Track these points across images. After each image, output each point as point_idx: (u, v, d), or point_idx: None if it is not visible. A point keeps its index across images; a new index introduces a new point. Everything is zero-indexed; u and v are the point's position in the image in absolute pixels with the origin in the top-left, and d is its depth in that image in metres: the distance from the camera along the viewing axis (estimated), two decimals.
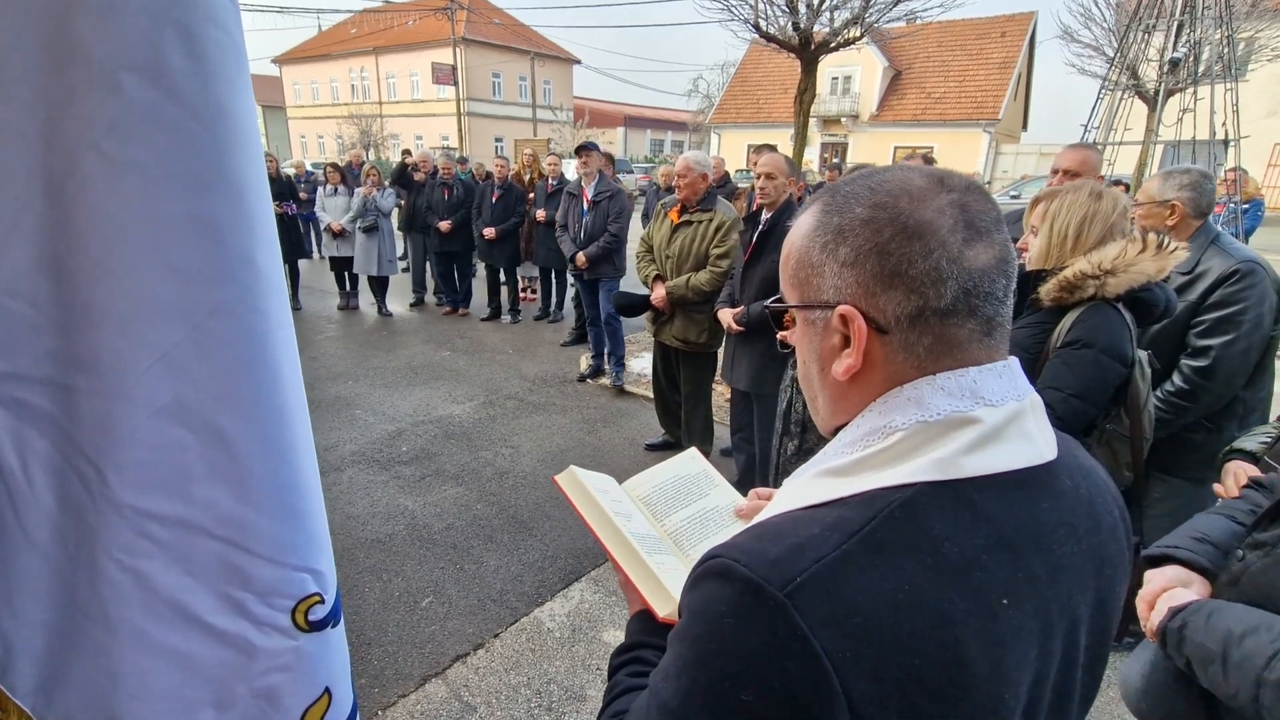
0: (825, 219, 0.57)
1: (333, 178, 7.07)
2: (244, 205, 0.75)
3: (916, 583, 0.47)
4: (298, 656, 0.86)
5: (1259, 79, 16.85)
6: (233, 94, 0.73)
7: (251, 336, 0.77)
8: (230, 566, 0.80)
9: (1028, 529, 0.53)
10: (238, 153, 0.74)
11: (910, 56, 25.79)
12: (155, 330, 0.72)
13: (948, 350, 0.54)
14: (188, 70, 0.69)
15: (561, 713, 2.18)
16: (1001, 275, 0.54)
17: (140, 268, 0.70)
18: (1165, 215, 2.13)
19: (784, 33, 8.83)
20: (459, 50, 29.72)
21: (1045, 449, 0.56)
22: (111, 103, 0.66)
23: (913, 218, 0.53)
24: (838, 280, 0.56)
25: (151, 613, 0.77)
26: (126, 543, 0.75)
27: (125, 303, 0.71)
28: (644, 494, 0.89)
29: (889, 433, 0.54)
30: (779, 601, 0.45)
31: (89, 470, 0.74)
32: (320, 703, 0.90)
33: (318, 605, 0.87)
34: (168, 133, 0.69)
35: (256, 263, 0.77)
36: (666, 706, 0.50)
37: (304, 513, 0.85)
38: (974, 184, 0.56)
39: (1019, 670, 0.50)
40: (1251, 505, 1.18)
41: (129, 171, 0.68)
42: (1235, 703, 0.90)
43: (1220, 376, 2.05)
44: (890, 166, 0.59)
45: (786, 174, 3.00)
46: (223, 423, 0.76)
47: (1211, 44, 8.14)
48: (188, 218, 0.71)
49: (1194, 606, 1.01)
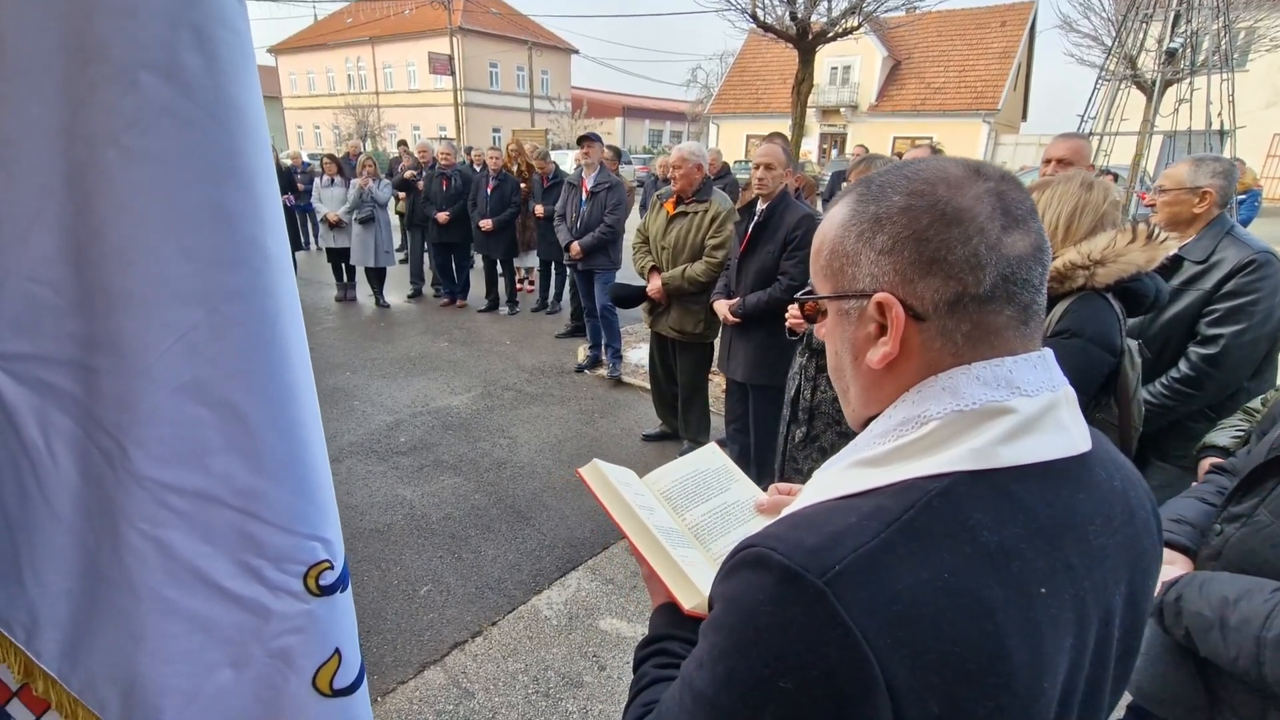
0: (861, 208, 0.57)
1: (329, 169, 7.05)
2: (254, 193, 0.79)
3: (956, 571, 0.47)
4: (310, 619, 0.91)
5: (1258, 69, 16.79)
6: (242, 90, 0.77)
7: (263, 318, 0.81)
8: (246, 535, 0.84)
9: (1064, 519, 0.53)
10: (248, 145, 0.78)
11: (909, 46, 25.67)
12: (175, 313, 0.76)
13: (984, 338, 0.54)
14: (201, 69, 0.73)
15: (559, 698, 2.22)
16: (1038, 263, 0.54)
17: (158, 254, 0.74)
18: (1194, 202, 2.09)
19: (781, 22, 8.79)
20: (456, 40, 29.52)
21: (1080, 440, 0.56)
22: (130, 99, 0.70)
23: (951, 204, 0.53)
24: (874, 268, 0.56)
25: (173, 578, 0.82)
26: (148, 513, 0.79)
27: (145, 287, 0.74)
28: (664, 488, 0.90)
29: (923, 422, 0.54)
30: (818, 589, 0.45)
31: (111, 445, 0.77)
32: (331, 662, 0.95)
33: (327, 571, 0.92)
34: (183, 127, 0.73)
35: (266, 248, 0.80)
36: (702, 695, 0.50)
37: (314, 484, 0.89)
38: (1008, 174, 0.56)
39: (1056, 659, 0.50)
40: (1218, 487, 1.23)
41: (146, 163, 0.72)
42: (1236, 666, 0.93)
43: (1228, 365, 2.05)
44: (924, 158, 0.59)
45: (784, 164, 3.01)
46: (238, 399, 0.80)
47: (1209, 34, 8.12)
48: (202, 206, 0.75)
49: (1186, 579, 1.04)
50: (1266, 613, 0.90)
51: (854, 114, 26.21)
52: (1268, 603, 0.91)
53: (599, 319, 5.19)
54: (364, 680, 1.03)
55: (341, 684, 0.97)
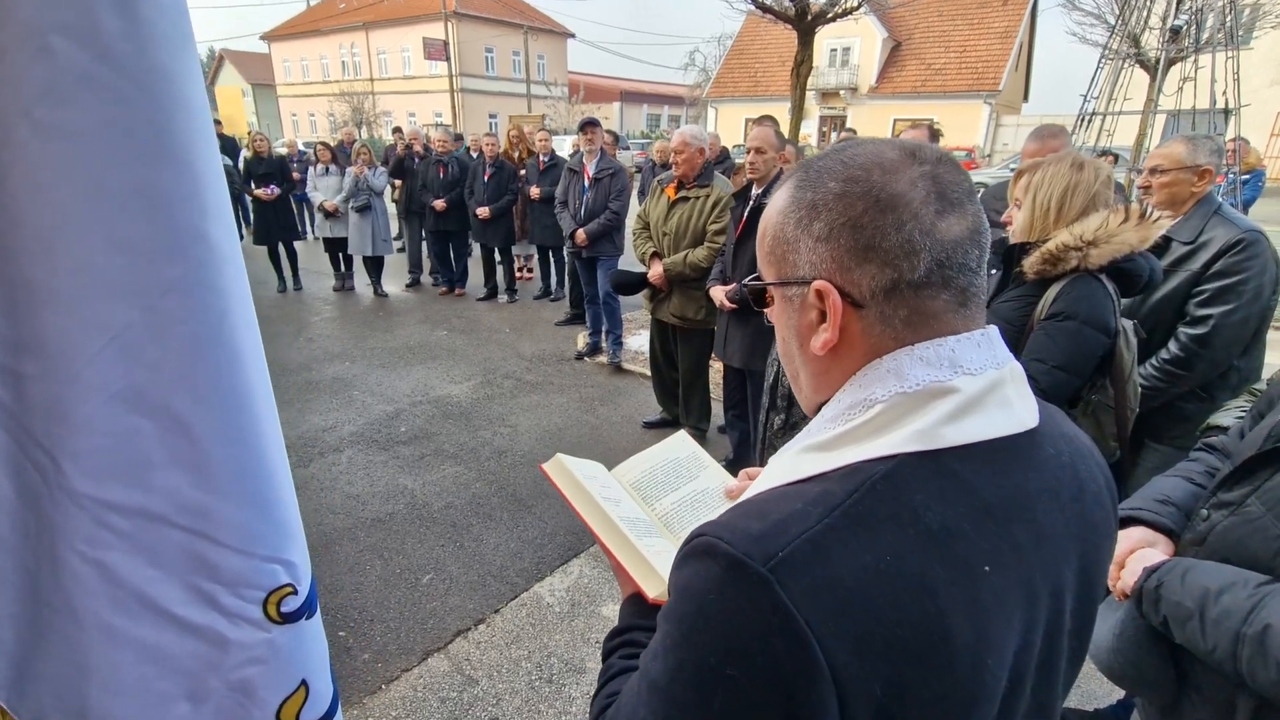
0: (799, 195, 0.57)
1: (324, 156, 6.99)
2: (191, 175, 0.71)
3: (899, 553, 0.47)
4: (271, 649, 0.84)
5: (1263, 46, 16.60)
6: (174, 58, 0.68)
7: (208, 316, 0.73)
8: (196, 557, 0.78)
9: (1010, 497, 0.53)
10: (182, 119, 0.69)
11: (910, 27, 25.36)
12: (105, 310, 0.68)
13: (924, 321, 0.54)
14: (123, 32, 0.65)
15: (562, 684, 2.23)
16: (974, 246, 0.54)
17: (84, 243, 0.67)
18: (1194, 181, 2.07)
19: (780, 3, 8.67)
20: (451, 24, 29.19)
21: (1026, 416, 0.56)
22: (42, 66, 0.62)
23: (885, 190, 0.53)
24: (812, 256, 0.56)
25: (118, 605, 0.75)
26: (87, 534, 0.73)
27: (71, 281, 0.67)
28: (634, 479, 0.89)
29: (869, 405, 0.54)
30: (762, 577, 0.46)
31: (44, 459, 0.71)
32: (296, 696, 0.88)
33: (290, 597, 0.85)
34: (105, 98, 0.65)
35: (209, 237, 0.73)
36: (656, 685, 0.51)
37: (270, 500, 0.82)
38: (946, 156, 0.56)
39: (1003, 637, 0.51)
40: (1206, 467, 1.19)
41: (65, 139, 0.64)
42: (1213, 658, 0.92)
43: (1217, 345, 2.05)
44: (864, 140, 0.59)
45: (776, 148, 2.97)
46: (180, 407, 0.73)
47: (1214, 10, 8.01)
48: (132, 188, 0.67)
49: (1168, 565, 1.02)
50: (1249, 608, 0.88)
51: (854, 96, 25.98)
52: (1251, 598, 0.89)
53: (600, 305, 5.17)
54: (338, 711, 0.96)
55: (310, 718, 0.91)
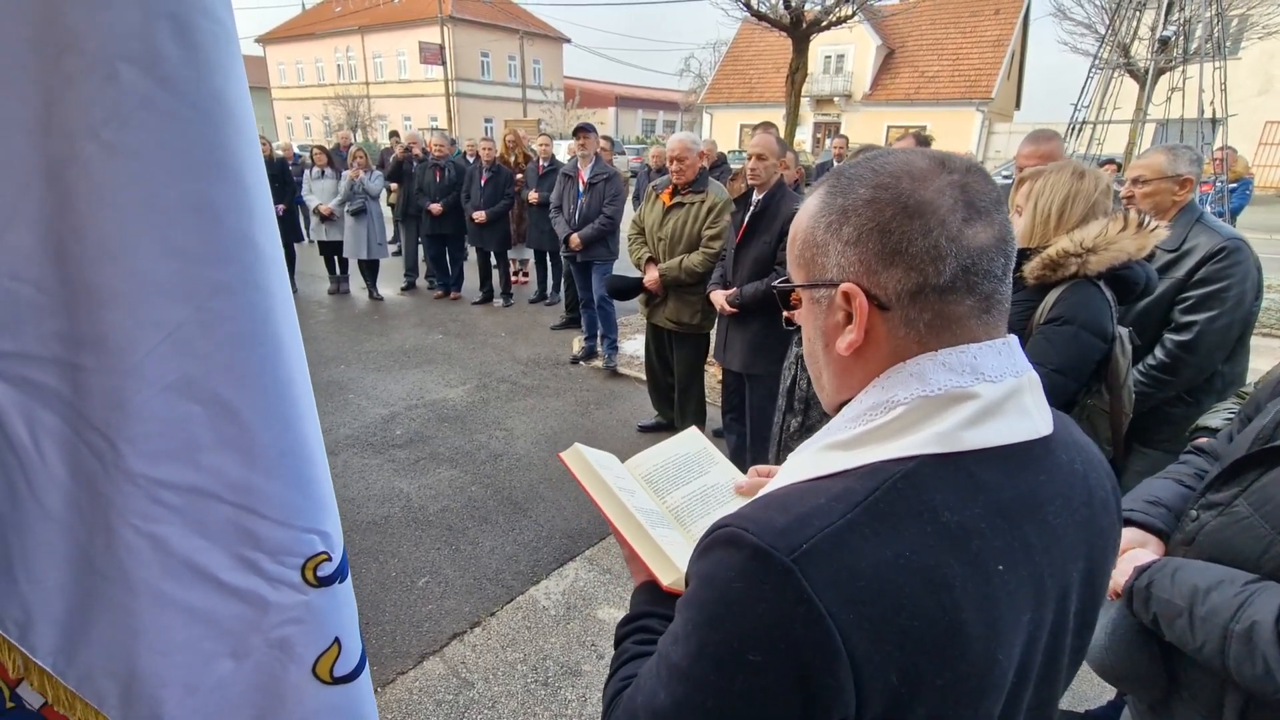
0: (830, 200, 0.59)
1: (319, 160, 6.98)
2: (241, 187, 0.78)
3: (917, 549, 0.49)
4: (308, 609, 0.92)
5: (1251, 56, 16.84)
6: (227, 82, 0.75)
7: (254, 313, 0.81)
8: (242, 529, 0.85)
9: (1024, 500, 0.55)
10: (233, 138, 0.76)
11: (903, 34, 25.58)
12: (161, 310, 0.75)
13: (947, 326, 0.56)
14: (182, 60, 0.71)
15: (557, 687, 2.23)
16: (1000, 254, 0.56)
17: (142, 250, 0.73)
18: (1175, 190, 2.12)
19: (775, 11, 8.75)
20: (447, 29, 29.24)
21: (1041, 424, 0.58)
22: (109, 91, 0.69)
23: (913, 197, 0.55)
24: (841, 259, 0.57)
25: (169, 573, 0.83)
26: (142, 509, 0.80)
27: (130, 284, 0.74)
28: (646, 472, 0.92)
29: (891, 407, 0.56)
30: (786, 567, 0.47)
31: (101, 443, 0.77)
32: (330, 651, 0.96)
33: (325, 562, 0.93)
34: (164, 120, 0.72)
35: (255, 242, 0.80)
36: (677, 668, 0.52)
37: (309, 478, 0.90)
38: (975, 165, 0.58)
39: (1012, 632, 0.53)
40: (1195, 469, 1.22)
41: (128, 157, 0.71)
42: (1202, 655, 0.94)
43: (1202, 350, 2.09)
44: (894, 149, 0.61)
45: (777, 154, 3.01)
46: (229, 395, 0.80)
47: (1202, 21, 8.12)
48: (186, 201, 0.74)
49: (1158, 564, 1.04)
50: (1236, 606, 0.90)
51: (848, 103, 26.15)
52: (1238, 596, 0.91)
53: (595, 310, 5.18)
54: (365, 667, 1.05)
55: (342, 671, 0.99)
